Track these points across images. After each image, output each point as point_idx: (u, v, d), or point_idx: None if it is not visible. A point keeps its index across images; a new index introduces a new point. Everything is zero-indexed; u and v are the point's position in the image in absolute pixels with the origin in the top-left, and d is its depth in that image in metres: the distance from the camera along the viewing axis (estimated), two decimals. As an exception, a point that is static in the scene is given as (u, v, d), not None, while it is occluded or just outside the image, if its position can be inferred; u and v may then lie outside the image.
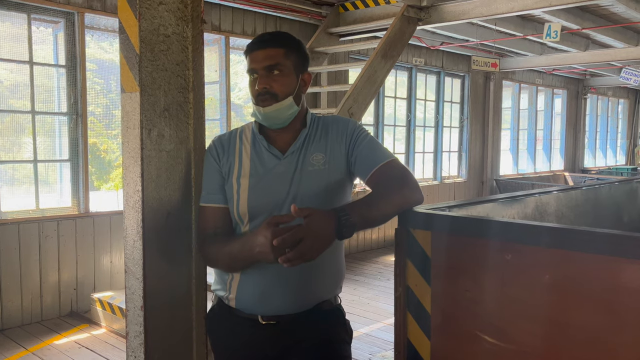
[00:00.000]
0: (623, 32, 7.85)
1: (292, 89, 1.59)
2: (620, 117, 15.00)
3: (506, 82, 10.48)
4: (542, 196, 2.26)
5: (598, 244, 1.30)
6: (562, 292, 1.36)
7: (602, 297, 1.29)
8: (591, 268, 1.30)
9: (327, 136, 1.66)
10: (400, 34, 5.54)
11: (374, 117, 8.00)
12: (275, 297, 1.60)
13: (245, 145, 1.66)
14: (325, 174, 1.61)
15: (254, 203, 1.58)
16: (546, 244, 1.38)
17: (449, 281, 1.59)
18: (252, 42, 1.61)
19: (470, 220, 1.46)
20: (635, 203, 3.05)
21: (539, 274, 1.40)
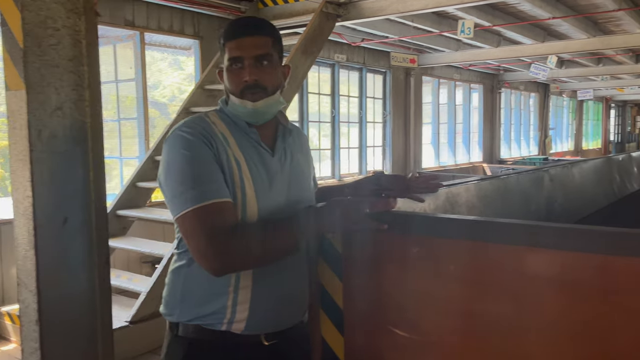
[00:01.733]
0: (531, 29, 8.28)
1: (280, 82, 1.49)
2: (532, 110, 15.88)
3: (426, 77, 10.79)
4: (452, 188, 2.31)
5: (500, 234, 1.33)
6: (468, 282, 1.38)
7: (506, 286, 1.32)
8: (495, 257, 1.33)
9: (299, 138, 1.64)
10: (319, 30, 5.55)
11: (298, 114, 7.99)
12: (286, 308, 1.52)
13: (228, 139, 1.43)
14: (307, 175, 1.62)
15: (263, 204, 1.43)
16: (450, 235, 1.40)
17: (360, 277, 1.58)
18: (237, 27, 1.44)
19: (376, 214, 1.45)
20: (541, 191, 3.20)
21: (445, 266, 1.42)
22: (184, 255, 1.44)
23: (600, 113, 21.21)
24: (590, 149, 20.19)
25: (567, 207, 3.46)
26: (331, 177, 8.69)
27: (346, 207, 1.43)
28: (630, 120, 24.86)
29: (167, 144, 1.40)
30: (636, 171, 5.57)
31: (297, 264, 1.53)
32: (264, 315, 1.44)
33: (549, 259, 1.25)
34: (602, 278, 1.19)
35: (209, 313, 1.41)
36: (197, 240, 1.31)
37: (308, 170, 1.63)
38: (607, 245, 1.19)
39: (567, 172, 3.76)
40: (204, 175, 1.34)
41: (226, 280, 1.40)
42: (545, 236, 1.27)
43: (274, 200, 1.45)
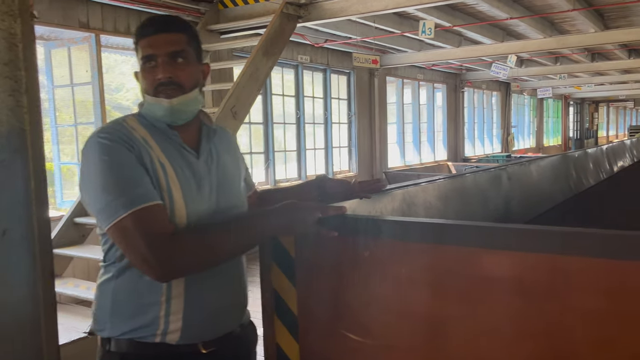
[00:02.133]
0: (490, 29, 8.42)
1: (197, 80, 1.43)
2: (494, 108, 16.18)
3: (390, 78, 10.87)
4: (409, 188, 2.31)
5: (452, 236, 1.33)
6: (420, 285, 1.37)
7: (459, 288, 1.31)
8: (447, 259, 1.32)
9: (226, 139, 1.59)
10: (280, 31, 5.51)
11: (262, 116, 7.94)
12: (223, 313, 1.47)
13: (149, 142, 1.37)
14: (237, 176, 1.57)
15: (192, 209, 1.37)
16: (400, 237, 1.39)
17: (314, 282, 1.55)
18: (147, 25, 1.39)
19: (328, 219, 1.43)
20: (499, 190, 3.24)
21: (397, 268, 1.40)
22: (111, 267, 1.38)
23: (559, 110, 21.78)
24: (551, 145, 20.70)
25: (525, 205, 3.52)
26: (297, 178, 8.66)
27: (299, 211, 1.42)
28: (588, 117, 25.61)
29: (85, 153, 1.33)
30: (592, 167, 5.71)
31: (232, 267, 1.50)
32: (199, 323, 1.39)
33: (501, 260, 1.25)
34: (555, 278, 1.19)
35: (141, 326, 1.35)
36: (136, 248, 1.25)
37: (237, 171, 1.58)
38: (558, 245, 1.19)
39: (524, 169, 3.83)
40: (131, 180, 1.28)
41: (157, 290, 1.34)
42: (498, 237, 1.26)
43: (202, 205, 1.40)
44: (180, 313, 1.37)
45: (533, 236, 1.22)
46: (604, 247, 1.13)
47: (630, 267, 1.11)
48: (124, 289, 1.36)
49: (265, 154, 7.96)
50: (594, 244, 1.15)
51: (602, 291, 1.14)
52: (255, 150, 7.86)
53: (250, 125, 7.76)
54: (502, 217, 3.12)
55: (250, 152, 7.76)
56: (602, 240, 1.15)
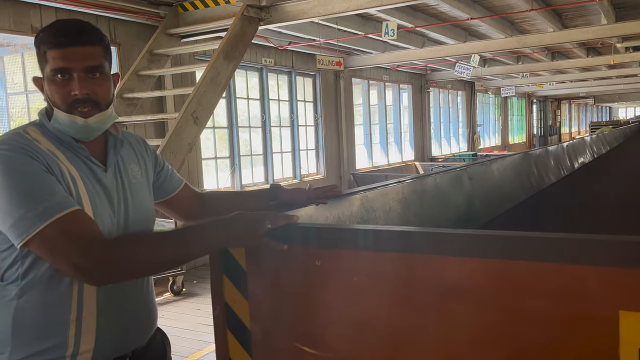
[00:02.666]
0: (452, 30, 8.51)
1: (112, 95, 1.38)
2: (460, 107, 16.39)
3: (355, 79, 10.89)
4: (367, 193, 2.28)
5: (401, 242, 1.30)
6: (371, 294, 1.34)
7: (410, 296, 1.28)
8: (397, 267, 1.29)
9: (133, 147, 1.53)
10: (241, 34, 5.45)
11: (227, 120, 7.84)
12: (134, 328, 1.44)
13: (56, 154, 1.30)
14: (146, 187, 1.53)
15: (102, 223, 1.32)
16: (350, 245, 1.35)
17: (267, 294, 1.51)
18: (63, 34, 1.29)
19: (278, 229, 1.39)
20: (460, 191, 3.25)
21: (348, 278, 1.37)
22: (13, 286, 1.28)
23: (523, 109, 22.22)
24: (516, 143, 21.10)
25: (487, 205, 3.54)
26: (264, 182, 8.58)
27: (247, 222, 1.37)
28: (551, 115, 26.20)
29: None
30: (553, 164, 5.81)
31: (146, 282, 1.49)
32: (111, 340, 1.35)
33: (450, 266, 1.23)
34: (503, 283, 1.17)
35: (48, 347, 1.27)
36: (67, 256, 1.18)
37: (147, 181, 1.53)
38: (506, 250, 1.17)
39: (486, 169, 3.85)
40: (42, 190, 1.20)
41: (66, 309, 1.28)
42: (446, 243, 1.24)
43: (112, 218, 1.36)
44: (93, 332, 1.31)
45: (481, 241, 1.20)
46: (550, 251, 1.12)
47: (575, 271, 1.09)
48: (28, 308, 1.27)
49: (230, 159, 7.87)
50: (539, 248, 1.13)
51: (550, 295, 1.12)
52: (221, 155, 7.76)
53: (214, 130, 7.65)
54: (463, 218, 3.12)
55: (215, 156, 7.65)
56: (547, 244, 1.13)
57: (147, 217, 1.50)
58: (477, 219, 3.27)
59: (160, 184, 1.62)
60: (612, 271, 1.07)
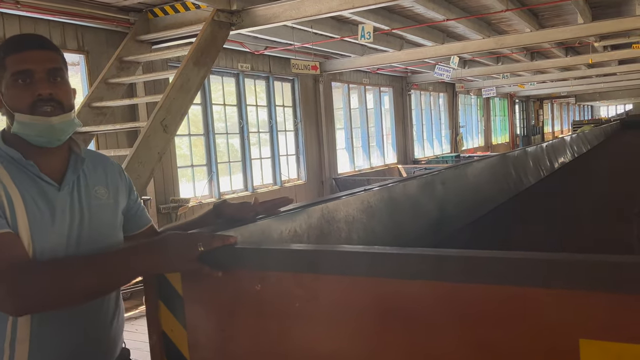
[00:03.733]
0: (430, 32, 8.45)
1: (73, 101, 1.36)
2: (442, 109, 16.38)
3: (335, 83, 10.79)
4: (328, 203, 2.16)
5: (335, 263, 1.19)
6: (313, 320, 1.22)
7: (350, 321, 1.17)
8: (336, 290, 1.18)
9: (104, 169, 1.48)
10: (212, 39, 5.31)
11: (203, 127, 7.69)
12: (85, 355, 1.35)
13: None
14: (112, 209, 1.46)
15: (40, 243, 1.26)
16: (289, 267, 1.24)
17: (205, 322, 1.38)
18: (22, 40, 1.32)
19: (213, 252, 1.27)
20: (432, 197, 3.14)
21: (288, 303, 1.25)
22: None
23: (506, 109, 22.30)
24: (500, 143, 21.15)
25: (461, 210, 3.43)
26: (244, 190, 8.44)
27: (176, 245, 1.25)
28: (533, 114, 26.35)
29: None
30: (532, 165, 5.75)
31: (97, 307, 1.38)
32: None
33: (394, 289, 1.11)
34: (450, 309, 1.06)
35: None
36: None
37: (113, 204, 1.46)
38: (451, 271, 1.06)
39: (460, 173, 3.76)
40: None
41: (1, 336, 1.22)
42: (389, 263, 1.13)
43: (56, 239, 1.28)
44: (25, 357, 1.24)
45: (424, 261, 1.09)
46: (501, 272, 1.01)
47: (529, 295, 0.98)
48: None
49: (207, 166, 7.71)
50: (489, 268, 1.02)
51: (503, 323, 1.01)
52: (197, 163, 7.60)
53: (190, 137, 7.49)
54: (435, 224, 3.01)
55: (192, 164, 7.50)
56: (499, 264, 1.02)
57: (106, 238, 1.41)
58: (450, 226, 3.16)
59: (129, 218, 1.53)
60: (570, 295, 0.96)
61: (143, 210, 1.61)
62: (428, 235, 2.93)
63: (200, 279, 1.37)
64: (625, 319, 0.92)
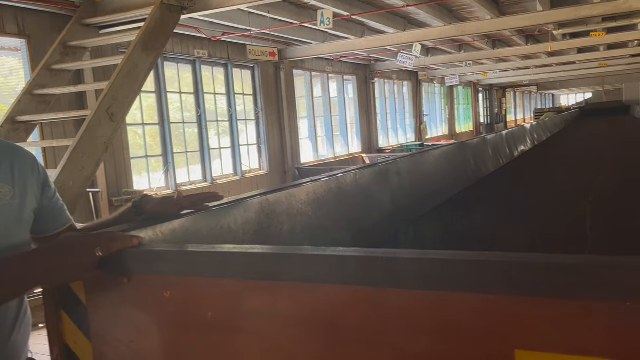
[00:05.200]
0: (391, 19, 8.34)
1: None
2: (406, 98, 16.36)
3: (297, 71, 10.60)
4: (269, 196, 2.02)
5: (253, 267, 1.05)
6: (223, 329, 1.08)
7: (265, 332, 1.04)
8: (244, 295, 1.05)
9: (11, 163, 1.31)
10: (161, 23, 5.06)
11: (158, 116, 7.41)
12: None
13: None
14: (16, 210, 1.30)
15: None
16: (200, 272, 1.09)
17: (112, 333, 1.22)
18: None
19: (115, 256, 1.11)
20: (386, 187, 3.03)
21: (200, 312, 1.10)
22: None
23: (469, 97, 22.49)
24: (464, 131, 21.33)
25: (417, 200, 3.34)
26: (202, 181, 8.21)
27: (70, 251, 1.09)
28: (496, 103, 26.69)
29: None
30: (491, 153, 5.72)
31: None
32: None
33: (317, 295, 0.98)
34: (374, 316, 0.94)
35: None
36: None
37: (20, 204, 1.30)
38: (376, 275, 0.93)
39: (416, 162, 3.66)
40: None
41: None
42: (312, 266, 1.00)
43: None
44: None
45: (345, 264, 0.96)
46: (430, 276, 0.88)
47: (461, 301, 0.86)
48: None
49: (163, 157, 7.45)
50: (417, 272, 0.90)
51: (432, 331, 0.89)
52: (152, 153, 7.33)
53: (144, 126, 7.22)
54: (388, 216, 2.91)
55: (146, 155, 7.23)
56: (429, 266, 0.89)
57: (7, 243, 1.26)
58: (404, 217, 3.06)
59: (43, 218, 1.37)
60: (505, 300, 0.85)
61: (62, 209, 1.44)
62: (381, 227, 2.82)
63: (105, 286, 1.21)
64: (567, 327, 0.81)
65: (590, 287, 0.80)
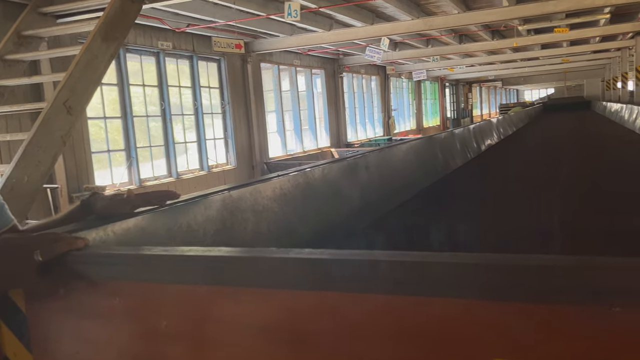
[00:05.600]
0: (359, 12, 8.29)
1: None
2: (374, 92, 16.37)
3: (265, 64, 10.45)
4: (232, 192, 1.92)
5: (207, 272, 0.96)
6: (179, 339, 0.99)
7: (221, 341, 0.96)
8: (199, 302, 0.96)
9: None
10: (122, 13, 4.86)
11: (120, 109, 7.18)
12: None
13: None
14: None
15: None
16: (151, 277, 1.00)
17: (55, 344, 1.12)
18: None
19: (64, 257, 1.01)
20: (354, 181, 2.96)
21: (153, 322, 1.01)
22: None
23: (436, 92, 22.69)
24: (431, 126, 21.51)
25: (386, 195, 3.29)
26: (167, 176, 8.01)
27: (6, 255, 0.98)
28: (463, 98, 27.02)
29: None
30: (459, 148, 5.72)
31: None
32: None
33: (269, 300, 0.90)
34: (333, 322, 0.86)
35: None
36: None
37: None
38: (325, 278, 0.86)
39: (384, 156, 3.61)
40: None
41: None
42: (254, 268, 0.92)
43: None
44: None
45: (282, 266, 0.89)
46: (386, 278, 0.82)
47: (432, 306, 0.79)
48: None
49: (126, 151, 7.23)
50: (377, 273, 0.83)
51: (408, 337, 0.82)
52: (114, 148, 7.10)
53: (105, 120, 6.98)
54: (357, 212, 2.85)
55: (108, 150, 7.00)
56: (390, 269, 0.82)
57: None
58: (374, 212, 3.01)
59: None
60: (481, 305, 0.78)
61: (1, 208, 1.32)
62: (350, 223, 2.76)
63: (47, 294, 1.10)
64: (548, 334, 0.75)
65: (572, 290, 0.74)
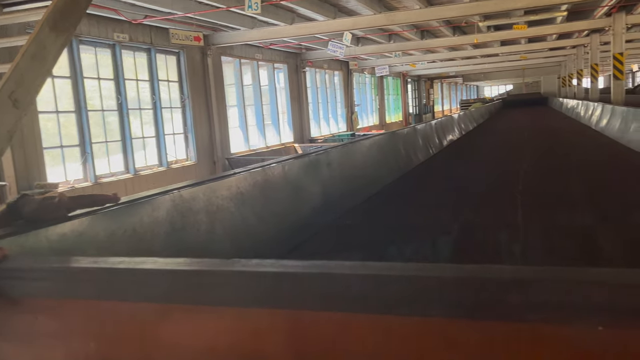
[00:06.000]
0: (321, 5, 8.19)
1: None
2: (337, 87, 16.32)
3: (226, 57, 10.24)
4: (183, 191, 1.80)
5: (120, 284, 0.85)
6: None
7: None
8: (136, 322, 0.84)
9: None
10: (71, 1, 4.62)
11: (74, 103, 6.88)
12: None
13: None
14: None
15: None
16: (71, 293, 0.88)
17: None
18: None
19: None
20: (315, 178, 2.87)
21: (79, 342, 0.89)
22: None
23: (399, 88, 22.82)
24: (394, 121, 21.63)
25: (348, 191, 3.21)
26: (125, 172, 7.75)
27: None
28: (425, 94, 27.28)
29: None
30: (421, 143, 5.70)
31: None
32: None
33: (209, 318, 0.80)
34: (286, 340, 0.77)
35: None
36: None
37: None
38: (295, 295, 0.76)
39: (347, 152, 3.53)
40: None
41: None
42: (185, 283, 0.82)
43: None
44: None
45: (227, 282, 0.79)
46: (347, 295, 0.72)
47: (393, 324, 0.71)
48: None
49: (80, 147, 6.94)
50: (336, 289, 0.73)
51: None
52: (68, 143, 6.80)
53: (57, 114, 6.67)
54: (319, 209, 2.75)
55: (61, 145, 6.69)
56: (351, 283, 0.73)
57: None
58: (335, 210, 2.92)
59: None
60: (451, 324, 0.70)
61: None
62: (311, 222, 2.67)
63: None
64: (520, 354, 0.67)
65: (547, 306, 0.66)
